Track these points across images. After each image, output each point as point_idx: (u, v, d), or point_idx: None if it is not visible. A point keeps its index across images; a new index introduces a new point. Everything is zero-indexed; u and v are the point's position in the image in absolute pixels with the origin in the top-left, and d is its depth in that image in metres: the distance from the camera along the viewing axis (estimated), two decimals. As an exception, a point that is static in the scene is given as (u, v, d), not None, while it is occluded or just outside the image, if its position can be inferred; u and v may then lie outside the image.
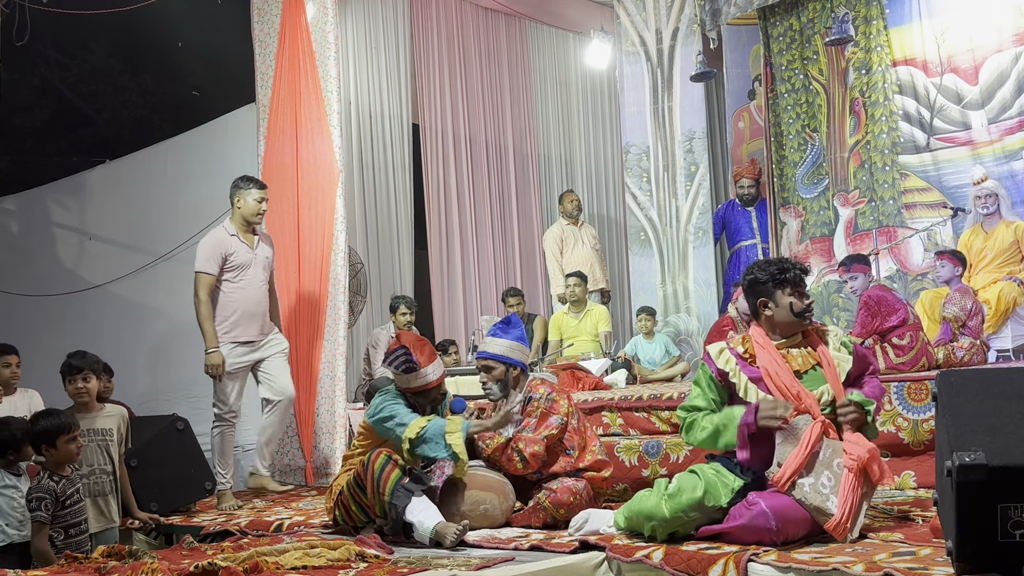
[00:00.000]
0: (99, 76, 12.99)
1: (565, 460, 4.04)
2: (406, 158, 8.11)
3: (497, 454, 4.01)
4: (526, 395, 4.14)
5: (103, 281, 8.16)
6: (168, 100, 13.05)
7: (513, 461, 3.98)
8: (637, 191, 8.03)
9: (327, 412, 6.04)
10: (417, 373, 4.16)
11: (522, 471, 4.01)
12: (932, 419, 4.04)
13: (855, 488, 3.18)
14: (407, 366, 4.15)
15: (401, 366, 4.16)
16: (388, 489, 3.87)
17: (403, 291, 7.77)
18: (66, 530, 3.92)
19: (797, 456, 3.21)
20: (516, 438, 4.02)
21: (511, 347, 4.19)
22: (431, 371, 4.19)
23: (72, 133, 13.00)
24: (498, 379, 4.17)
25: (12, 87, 11.52)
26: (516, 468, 3.99)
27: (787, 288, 3.49)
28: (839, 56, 7.74)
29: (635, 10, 8.11)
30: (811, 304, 3.53)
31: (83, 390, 4.49)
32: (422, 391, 4.21)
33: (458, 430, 3.96)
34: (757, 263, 3.71)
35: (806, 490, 3.17)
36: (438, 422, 4.02)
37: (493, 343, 4.21)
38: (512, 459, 3.98)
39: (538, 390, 4.11)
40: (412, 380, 4.18)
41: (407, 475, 3.93)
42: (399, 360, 4.16)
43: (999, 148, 6.92)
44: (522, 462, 3.97)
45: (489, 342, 4.24)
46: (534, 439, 3.98)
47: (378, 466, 3.92)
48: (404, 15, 8.23)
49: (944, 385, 2.67)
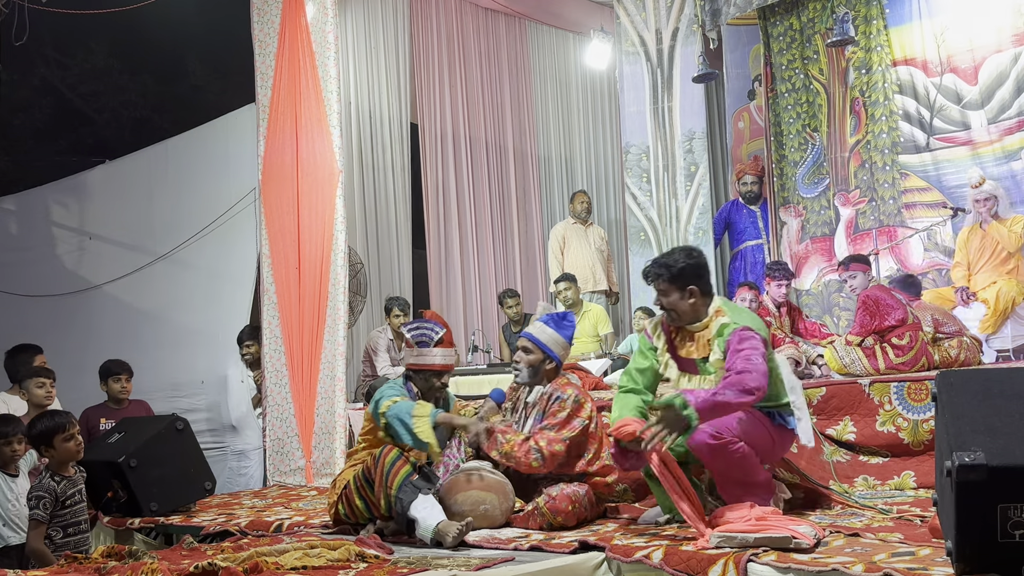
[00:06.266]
0: (99, 76, 12.99)
1: (579, 462, 4.05)
2: (405, 158, 8.11)
3: (515, 449, 3.98)
4: (551, 392, 4.12)
5: (103, 281, 8.15)
6: (168, 100, 13.05)
7: (531, 458, 3.95)
8: (637, 191, 8.02)
9: (327, 412, 6.04)
10: (426, 350, 4.20)
11: (536, 469, 3.98)
12: (932, 419, 4.04)
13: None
14: (422, 339, 4.21)
15: (417, 336, 4.23)
16: (396, 483, 3.88)
17: (402, 291, 7.77)
18: (64, 529, 3.93)
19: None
20: (536, 435, 4.00)
21: (556, 340, 4.20)
22: (438, 354, 4.23)
23: (72, 133, 13.00)
24: (531, 364, 4.17)
25: (12, 87, 11.52)
26: (532, 466, 3.96)
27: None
28: (839, 56, 7.74)
29: (635, 10, 8.10)
30: (663, 302, 3.85)
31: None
32: (422, 371, 4.24)
33: (426, 415, 3.99)
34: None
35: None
36: (409, 403, 4.05)
37: (542, 330, 4.23)
38: (530, 456, 3.95)
39: (566, 390, 4.11)
40: (418, 356, 4.22)
41: (417, 472, 3.96)
42: (419, 330, 4.24)
43: (999, 148, 6.92)
44: (539, 460, 3.94)
45: (538, 328, 4.25)
46: (556, 438, 3.97)
47: (389, 461, 3.94)
48: (404, 15, 8.23)
49: (944, 385, 2.67)
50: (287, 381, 6.29)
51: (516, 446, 3.99)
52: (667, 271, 3.83)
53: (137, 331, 7.78)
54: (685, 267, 3.81)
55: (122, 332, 7.79)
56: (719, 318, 3.76)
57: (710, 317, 3.80)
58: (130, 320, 7.89)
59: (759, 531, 3.15)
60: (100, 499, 4.98)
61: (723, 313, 3.78)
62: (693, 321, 3.84)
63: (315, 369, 6.12)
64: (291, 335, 6.29)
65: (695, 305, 3.82)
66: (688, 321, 3.85)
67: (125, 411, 5.82)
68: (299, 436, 6.11)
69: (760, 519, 3.27)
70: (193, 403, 6.96)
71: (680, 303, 3.82)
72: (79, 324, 8.12)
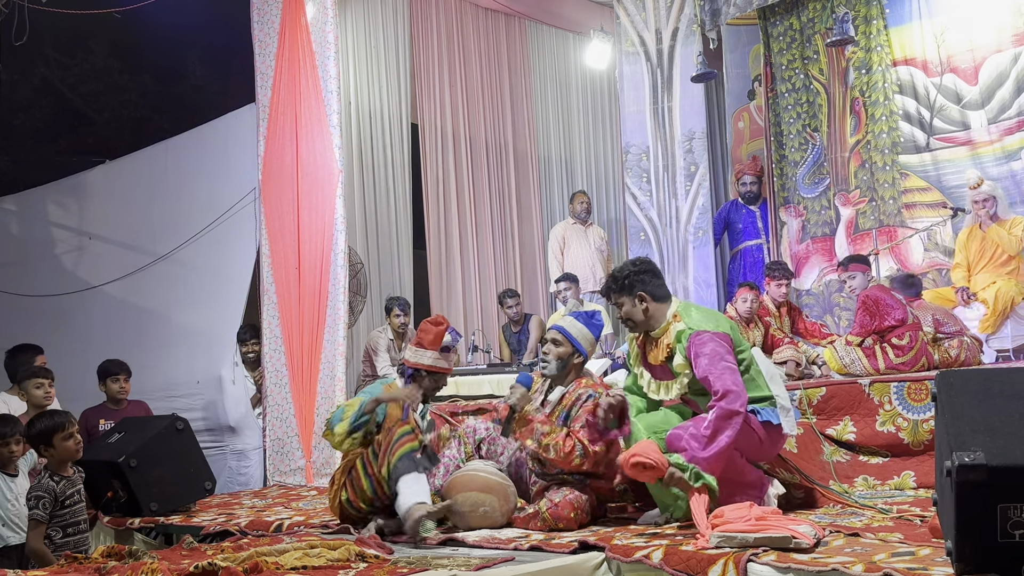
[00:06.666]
0: (99, 76, 12.97)
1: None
2: (406, 158, 8.10)
3: (557, 441, 3.93)
4: (582, 393, 4.06)
5: (103, 281, 8.14)
6: (168, 100, 13.04)
7: (573, 454, 3.89)
8: (637, 191, 8.02)
9: (327, 412, 6.00)
10: (447, 355, 4.38)
11: (576, 467, 3.93)
12: (932, 419, 4.04)
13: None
14: (450, 344, 4.39)
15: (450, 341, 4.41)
16: (399, 453, 3.94)
17: (402, 291, 7.77)
18: (64, 529, 3.93)
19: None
20: (575, 431, 3.95)
21: (584, 335, 4.20)
22: (427, 355, 4.34)
23: (72, 133, 12.98)
24: (559, 357, 4.16)
25: (12, 87, 11.51)
26: (573, 463, 3.91)
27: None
28: (839, 56, 7.74)
29: (635, 10, 8.10)
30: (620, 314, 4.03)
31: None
32: (412, 369, 4.34)
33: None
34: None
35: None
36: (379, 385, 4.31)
37: (572, 324, 4.24)
38: (572, 452, 3.89)
39: (597, 390, 4.07)
40: (411, 351, 4.38)
41: (422, 451, 4.02)
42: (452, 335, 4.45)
43: (999, 148, 6.92)
44: (581, 456, 3.89)
45: (568, 321, 4.27)
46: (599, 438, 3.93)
47: (398, 433, 4.01)
48: (404, 15, 8.23)
49: (944, 385, 2.66)
50: (287, 381, 6.29)
51: (561, 439, 3.93)
52: (615, 282, 4.02)
53: (136, 331, 7.77)
54: (630, 275, 3.98)
55: (121, 332, 7.77)
56: (676, 323, 3.87)
57: (668, 322, 3.90)
58: (129, 320, 7.87)
59: (759, 531, 3.15)
60: (100, 499, 4.98)
61: (679, 318, 3.87)
62: (652, 328, 3.96)
63: (315, 369, 6.12)
64: (291, 335, 6.29)
65: (648, 311, 3.95)
66: (647, 328, 3.98)
67: (124, 412, 5.82)
68: (299, 436, 6.11)
69: (760, 519, 3.27)
70: (189, 403, 6.94)
71: (633, 311, 3.97)
72: (78, 324, 8.10)
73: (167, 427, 5.22)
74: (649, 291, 3.94)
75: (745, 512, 3.33)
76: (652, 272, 4.01)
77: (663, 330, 3.91)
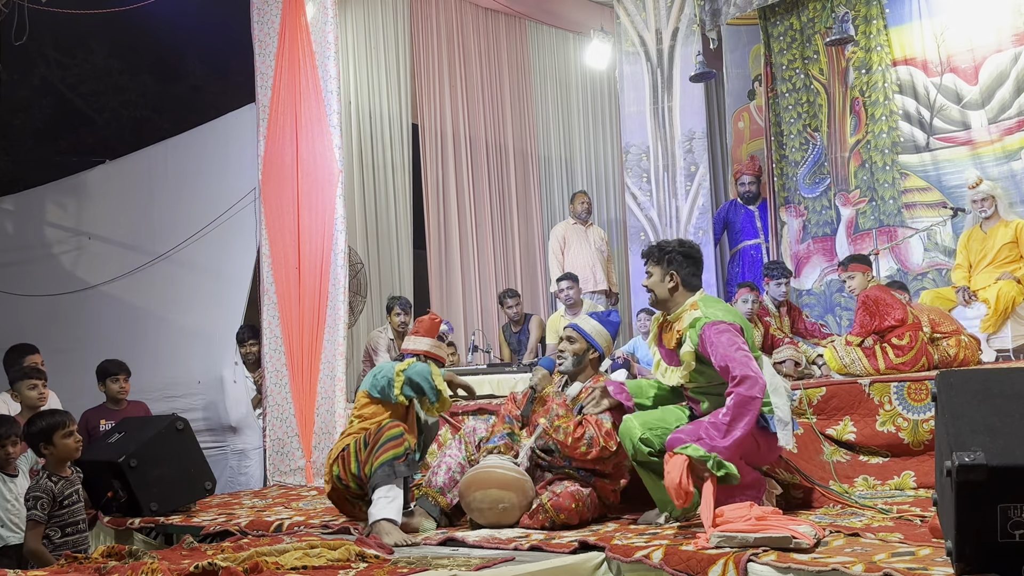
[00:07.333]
0: (99, 76, 12.97)
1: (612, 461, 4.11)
2: (406, 158, 8.10)
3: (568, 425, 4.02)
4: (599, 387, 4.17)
5: (102, 281, 8.15)
6: (168, 100, 13.04)
7: (581, 440, 4.00)
8: (637, 191, 8.03)
9: (327, 412, 6.03)
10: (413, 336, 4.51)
11: (582, 455, 4.02)
12: (932, 419, 4.04)
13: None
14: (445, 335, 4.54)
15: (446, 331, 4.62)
16: (383, 458, 3.96)
17: (402, 291, 7.76)
18: (63, 529, 3.93)
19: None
20: (588, 417, 4.05)
21: (600, 332, 4.30)
22: (424, 342, 4.48)
23: (72, 133, 12.98)
24: (576, 353, 4.26)
25: (12, 87, 11.52)
26: (579, 449, 4.01)
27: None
28: (839, 56, 7.73)
29: (635, 10, 8.10)
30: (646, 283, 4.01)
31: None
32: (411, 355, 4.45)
33: (439, 372, 4.27)
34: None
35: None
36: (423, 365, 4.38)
37: (587, 321, 4.35)
38: (581, 439, 4.00)
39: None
40: (409, 339, 4.54)
41: (405, 458, 4.02)
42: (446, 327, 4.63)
43: (999, 148, 6.92)
44: (588, 444, 3.99)
45: (583, 319, 4.39)
46: (611, 433, 4.01)
47: (388, 435, 4.03)
48: (404, 15, 8.23)
49: (944, 385, 2.66)
50: (287, 381, 6.29)
51: (572, 424, 4.03)
52: (658, 250, 4.00)
53: (136, 331, 7.77)
54: (673, 251, 3.96)
55: (121, 332, 7.78)
56: (693, 311, 3.86)
57: (684, 308, 3.90)
58: (129, 320, 7.88)
59: (759, 531, 3.15)
60: (100, 499, 4.98)
61: (697, 307, 3.87)
62: (670, 309, 3.97)
63: (315, 369, 6.12)
64: (291, 335, 6.29)
65: (674, 292, 3.95)
66: (665, 307, 3.99)
67: (124, 412, 5.82)
68: (299, 436, 6.11)
69: (760, 519, 3.27)
70: (190, 403, 6.94)
71: (659, 285, 3.97)
72: (78, 324, 8.11)
73: (167, 427, 5.22)
74: (682, 275, 3.94)
75: (745, 512, 3.33)
76: (694, 260, 4.00)
77: (678, 315, 3.93)
